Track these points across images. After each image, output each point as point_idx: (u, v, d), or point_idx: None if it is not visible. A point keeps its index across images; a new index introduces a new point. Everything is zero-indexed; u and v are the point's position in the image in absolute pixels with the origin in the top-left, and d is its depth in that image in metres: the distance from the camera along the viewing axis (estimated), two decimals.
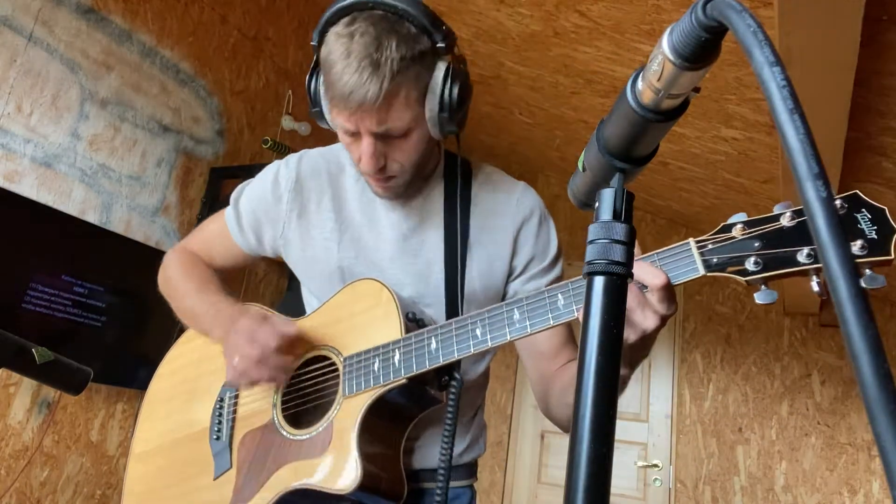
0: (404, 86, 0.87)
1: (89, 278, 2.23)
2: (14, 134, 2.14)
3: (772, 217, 0.69)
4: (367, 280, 1.00)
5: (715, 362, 3.57)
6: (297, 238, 1.10)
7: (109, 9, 2.42)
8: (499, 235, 1.05)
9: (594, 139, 0.48)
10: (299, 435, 0.97)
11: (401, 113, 0.89)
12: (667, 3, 1.77)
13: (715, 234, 0.73)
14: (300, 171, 1.11)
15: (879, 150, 1.93)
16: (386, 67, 0.84)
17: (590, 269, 0.43)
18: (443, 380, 0.95)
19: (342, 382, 0.96)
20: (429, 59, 0.89)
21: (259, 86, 3.13)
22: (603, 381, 0.40)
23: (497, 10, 2.32)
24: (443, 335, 0.89)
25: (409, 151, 0.94)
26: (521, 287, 1.05)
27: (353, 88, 0.85)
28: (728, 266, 0.70)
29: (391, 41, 0.85)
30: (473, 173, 1.10)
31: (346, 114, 0.88)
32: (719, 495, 3.34)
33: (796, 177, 0.28)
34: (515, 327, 0.83)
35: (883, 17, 1.33)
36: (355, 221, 1.08)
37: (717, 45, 0.38)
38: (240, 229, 1.16)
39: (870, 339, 0.25)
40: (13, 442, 2.11)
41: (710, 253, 0.72)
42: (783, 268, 0.66)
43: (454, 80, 0.90)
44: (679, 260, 0.74)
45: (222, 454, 1.05)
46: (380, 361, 0.92)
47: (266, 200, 1.12)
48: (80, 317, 2.21)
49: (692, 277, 0.73)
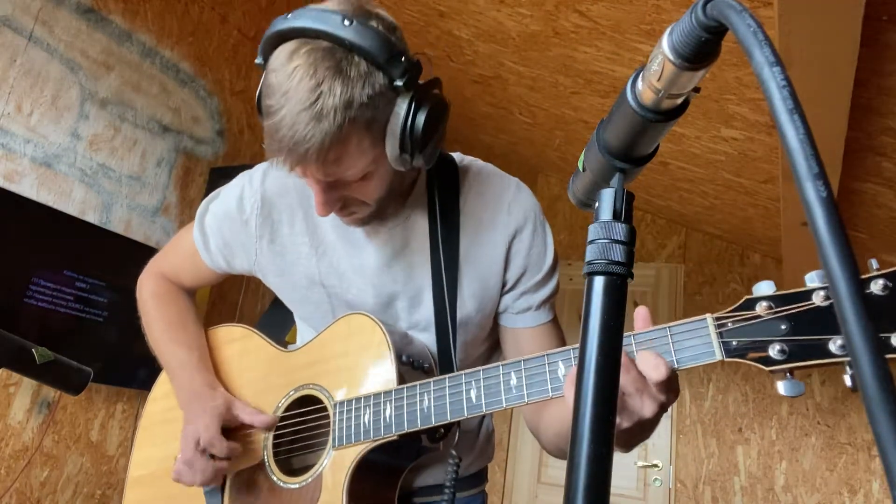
0: (353, 135, 0.76)
1: (91, 273, 2.24)
2: (14, 134, 2.14)
3: (802, 294, 0.60)
4: (359, 315, 0.95)
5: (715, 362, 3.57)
6: (271, 265, 1.03)
7: (109, 9, 2.42)
8: (491, 249, 0.96)
9: (594, 139, 0.48)
10: (289, 483, 0.95)
11: (352, 162, 0.78)
12: (667, 3, 1.77)
13: (736, 311, 0.64)
14: (265, 190, 1.02)
15: (879, 150, 1.93)
16: (328, 119, 0.72)
17: (590, 269, 0.43)
18: (437, 433, 0.89)
19: (332, 431, 0.92)
20: (385, 98, 0.77)
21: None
22: (603, 381, 0.40)
23: (497, 10, 2.32)
24: (436, 393, 0.84)
25: (369, 191, 0.85)
26: (511, 303, 0.98)
27: (290, 144, 0.73)
28: (749, 352, 0.62)
29: (335, 87, 0.72)
30: (460, 178, 1.00)
31: (289, 165, 0.77)
32: (719, 495, 3.34)
33: (796, 177, 0.28)
34: (512, 394, 0.78)
35: (883, 18, 1.33)
36: (332, 243, 0.99)
37: (717, 45, 0.38)
38: (207, 251, 1.08)
39: (870, 340, 0.25)
40: (13, 442, 2.10)
41: (730, 334, 0.63)
42: (812, 359, 0.58)
43: (418, 116, 0.78)
44: (694, 339, 0.66)
45: (213, 495, 1.02)
46: (371, 413, 0.88)
47: (232, 223, 1.03)
48: (83, 312, 2.22)
49: (708, 362, 0.65)
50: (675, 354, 0.66)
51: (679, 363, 0.66)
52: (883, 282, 0.55)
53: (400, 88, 0.77)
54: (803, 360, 0.59)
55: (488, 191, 0.99)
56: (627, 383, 0.63)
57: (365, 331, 0.93)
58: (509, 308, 0.99)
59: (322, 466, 0.92)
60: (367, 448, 0.88)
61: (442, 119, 0.84)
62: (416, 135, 0.78)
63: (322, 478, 0.91)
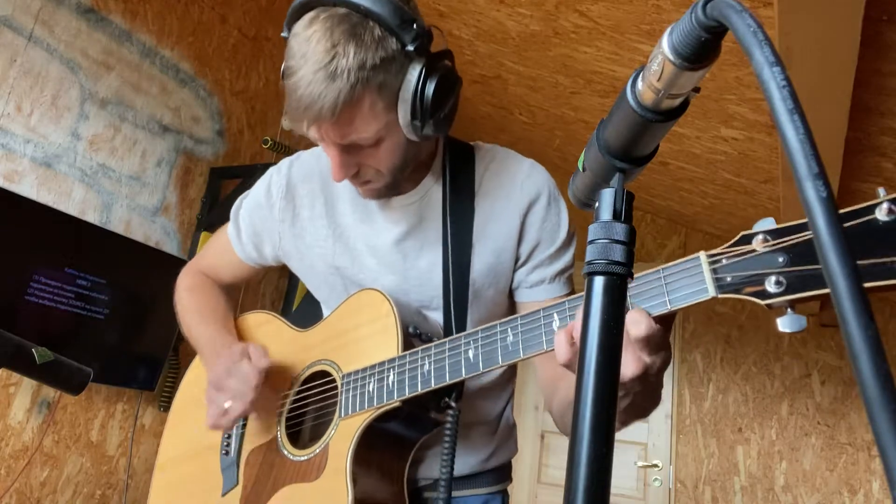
0: (366, 96, 0.79)
1: (92, 271, 2.24)
2: (14, 134, 2.14)
3: (801, 226, 0.56)
4: (369, 290, 0.97)
5: (715, 362, 3.57)
6: (293, 249, 1.08)
7: (109, 9, 2.42)
8: (504, 225, 0.98)
9: (594, 139, 0.48)
10: (298, 455, 0.96)
11: (365, 124, 0.82)
12: (667, 3, 1.77)
13: (731, 247, 0.60)
14: (291, 176, 1.07)
15: (879, 150, 1.93)
16: (342, 79, 0.76)
17: (590, 269, 0.43)
18: (443, 402, 0.89)
19: (340, 402, 0.94)
20: (398, 63, 0.81)
21: (259, 86, 3.13)
22: (603, 381, 0.40)
23: (497, 10, 2.31)
24: (436, 356, 0.84)
25: (382, 158, 0.88)
26: (524, 277, 0.99)
27: (307, 102, 0.78)
28: (745, 286, 0.58)
29: (349, 48, 0.77)
30: (476, 158, 1.02)
31: (306, 125, 0.82)
32: (719, 495, 3.34)
33: (796, 177, 0.28)
34: (508, 351, 0.77)
35: (883, 18, 1.33)
36: (348, 225, 1.03)
37: (717, 45, 0.38)
38: (240, 242, 1.14)
39: (870, 339, 0.25)
40: (13, 442, 2.11)
41: (725, 270, 0.60)
42: (812, 289, 0.54)
43: (428, 83, 0.82)
44: (686, 278, 0.63)
45: (230, 470, 1.04)
46: (375, 381, 0.89)
47: (261, 210, 1.10)
48: (84, 309, 2.22)
49: (700, 300, 0.61)
50: (668, 295, 0.63)
51: (672, 303, 0.63)
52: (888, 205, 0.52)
53: (412, 54, 0.81)
54: (802, 292, 0.55)
55: (503, 170, 1.01)
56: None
57: (374, 304, 0.95)
58: (523, 282, 0.99)
59: (329, 437, 0.93)
60: (372, 416, 0.89)
61: (453, 88, 0.87)
62: (427, 101, 0.82)
63: (328, 448, 0.92)
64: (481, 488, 1.03)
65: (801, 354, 3.41)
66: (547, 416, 3.66)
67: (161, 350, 2.39)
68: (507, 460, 1.09)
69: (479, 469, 1.03)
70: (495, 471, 1.06)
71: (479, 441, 1.03)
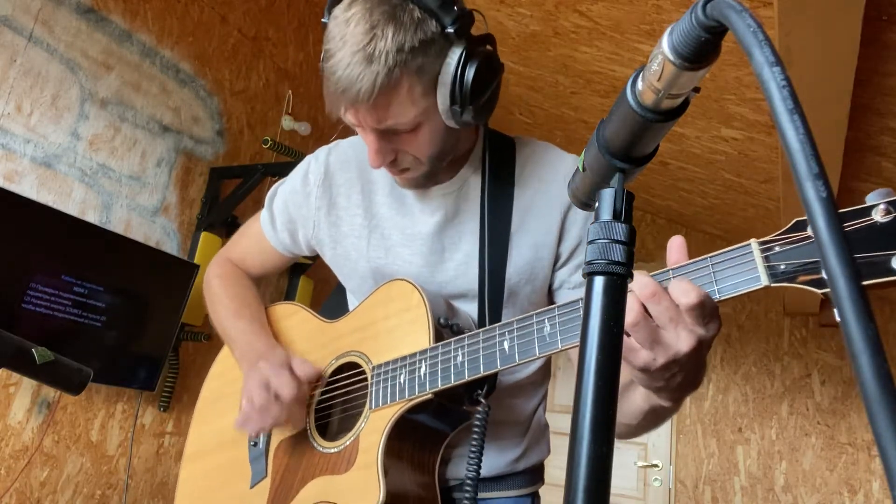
0: (404, 80, 0.77)
1: (89, 278, 2.23)
2: (14, 134, 2.14)
3: (860, 211, 0.53)
4: (399, 281, 0.94)
5: (715, 362, 3.57)
6: (327, 237, 1.06)
7: (109, 9, 2.42)
8: (545, 220, 0.94)
9: (594, 139, 0.48)
10: (329, 448, 0.95)
11: (403, 109, 0.80)
12: (667, 3, 1.77)
13: (784, 234, 0.58)
14: (329, 164, 1.05)
15: (879, 150, 1.93)
16: (379, 62, 0.75)
17: (590, 269, 0.43)
18: (475, 394, 0.87)
19: (370, 394, 0.92)
20: (437, 46, 0.78)
21: (259, 86, 3.13)
22: (603, 381, 0.40)
23: (497, 10, 2.32)
24: (470, 347, 0.81)
25: (420, 145, 0.85)
26: (567, 277, 0.95)
27: (345, 85, 0.76)
28: (800, 275, 0.56)
29: (388, 30, 0.75)
30: (517, 151, 0.99)
31: (343, 108, 0.81)
32: (719, 495, 3.34)
33: (796, 177, 0.28)
34: (546, 342, 0.74)
35: (883, 18, 1.33)
36: (385, 216, 1.01)
37: (717, 45, 0.38)
38: (273, 230, 1.12)
39: (870, 339, 0.25)
40: (13, 442, 2.10)
41: (778, 258, 0.57)
42: (873, 277, 0.52)
43: (468, 67, 0.79)
44: (736, 266, 0.60)
45: (258, 461, 1.03)
46: (406, 373, 0.87)
47: (297, 197, 1.08)
48: (80, 317, 2.21)
49: (752, 289, 0.58)
50: (717, 284, 0.60)
51: (721, 293, 0.60)
52: (885, 206, 0.52)
53: (451, 36, 0.78)
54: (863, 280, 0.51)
55: (545, 163, 0.98)
56: (660, 314, 0.58)
57: (404, 295, 0.93)
58: (565, 283, 0.96)
59: (359, 429, 0.92)
60: (403, 408, 0.87)
61: (495, 74, 0.84)
62: (467, 86, 0.79)
63: (359, 440, 0.91)
64: (510, 490, 1.00)
65: (801, 354, 3.41)
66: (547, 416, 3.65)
67: (161, 350, 2.39)
68: (538, 462, 1.05)
69: (509, 471, 1.00)
70: (525, 473, 1.03)
71: (510, 441, 1.00)
